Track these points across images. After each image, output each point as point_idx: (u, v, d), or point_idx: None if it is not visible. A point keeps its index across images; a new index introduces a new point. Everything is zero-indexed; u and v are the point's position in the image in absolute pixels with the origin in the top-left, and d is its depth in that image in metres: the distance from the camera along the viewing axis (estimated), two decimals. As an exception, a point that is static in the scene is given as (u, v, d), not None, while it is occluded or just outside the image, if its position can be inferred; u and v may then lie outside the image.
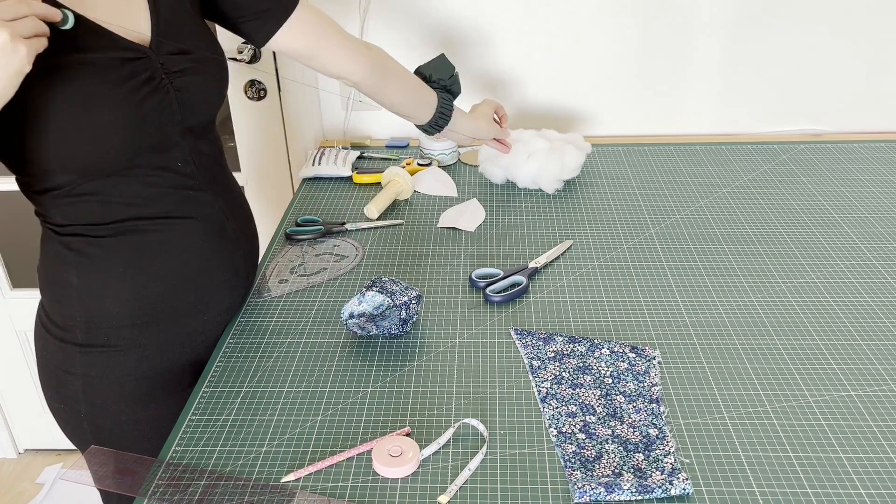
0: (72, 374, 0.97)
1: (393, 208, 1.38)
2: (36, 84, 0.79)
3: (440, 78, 1.24)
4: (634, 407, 0.89)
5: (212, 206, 0.99)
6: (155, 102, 0.88)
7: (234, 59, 1.60)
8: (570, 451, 0.84)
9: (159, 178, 0.92)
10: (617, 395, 0.91)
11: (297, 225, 1.33)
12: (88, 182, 0.87)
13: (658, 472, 0.80)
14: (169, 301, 0.97)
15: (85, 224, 0.91)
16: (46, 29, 0.75)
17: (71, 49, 0.82)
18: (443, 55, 1.27)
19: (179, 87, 0.91)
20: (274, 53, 1.65)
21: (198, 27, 0.97)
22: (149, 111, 0.88)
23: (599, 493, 0.77)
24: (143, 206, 0.92)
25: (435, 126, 1.24)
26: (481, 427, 0.87)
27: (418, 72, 1.24)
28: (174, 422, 0.97)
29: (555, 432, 0.86)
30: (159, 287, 0.96)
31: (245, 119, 1.72)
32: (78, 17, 0.82)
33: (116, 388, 0.98)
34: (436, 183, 1.45)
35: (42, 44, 0.75)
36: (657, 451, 0.83)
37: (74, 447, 1.07)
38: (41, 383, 1.02)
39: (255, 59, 1.65)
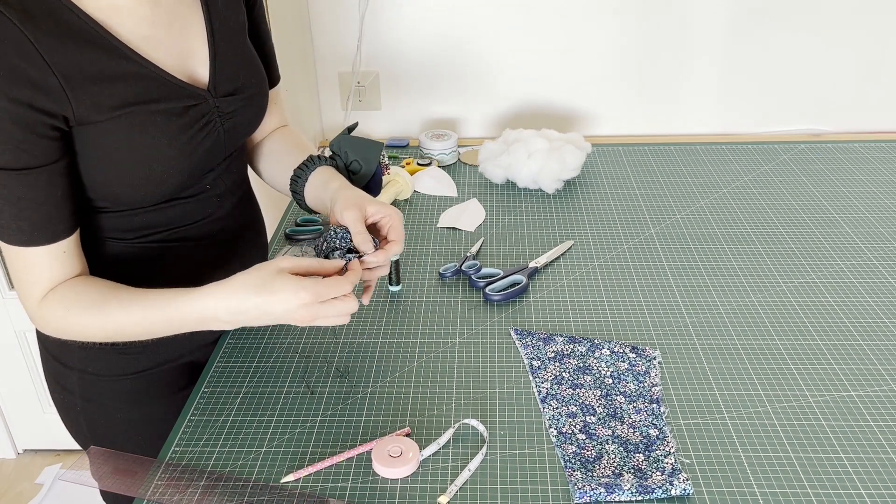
0: (70, 367, 0.97)
1: (393, 208, 1.38)
2: (107, 130, 0.80)
3: (352, 158, 1.03)
4: (635, 407, 0.89)
5: (230, 213, 1.00)
6: (207, 145, 0.89)
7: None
8: (571, 451, 0.83)
9: (188, 203, 0.93)
10: (617, 395, 0.91)
11: (297, 225, 1.32)
12: (123, 209, 0.88)
13: (658, 473, 0.80)
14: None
15: (103, 235, 0.90)
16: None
17: (140, 100, 0.82)
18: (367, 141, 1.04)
19: (229, 127, 0.92)
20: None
21: (249, 56, 0.97)
22: (200, 154, 0.89)
23: (599, 493, 0.77)
24: (165, 227, 0.92)
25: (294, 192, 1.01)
26: (481, 427, 0.86)
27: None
28: (170, 423, 0.96)
29: (555, 433, 0.86)
30: (163, 285, 0.95)
31: (245, 119, 1.71)
32: (148, 66, 0.82)
33: (112, 386, 0.98)
34: (436, 183, 1.45)
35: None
36: (657, 452, 0.83)
37: (74, 448, 1.07)
38: (43, 371, 1.03)
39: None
